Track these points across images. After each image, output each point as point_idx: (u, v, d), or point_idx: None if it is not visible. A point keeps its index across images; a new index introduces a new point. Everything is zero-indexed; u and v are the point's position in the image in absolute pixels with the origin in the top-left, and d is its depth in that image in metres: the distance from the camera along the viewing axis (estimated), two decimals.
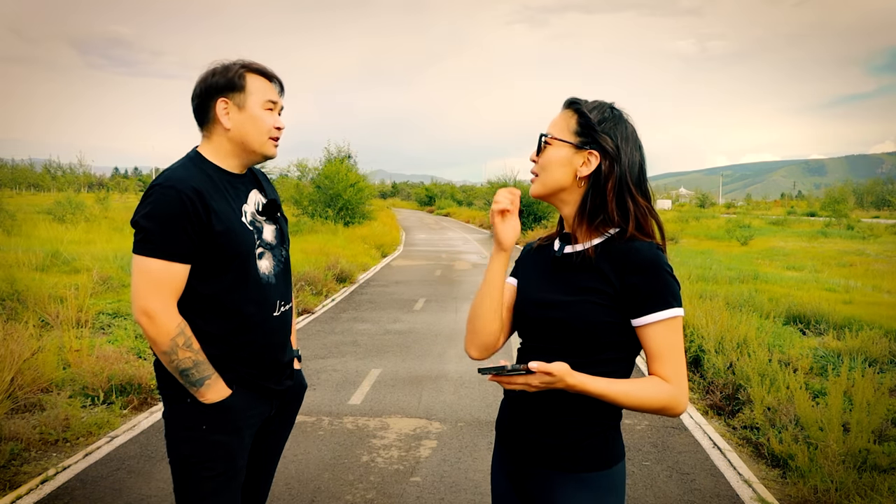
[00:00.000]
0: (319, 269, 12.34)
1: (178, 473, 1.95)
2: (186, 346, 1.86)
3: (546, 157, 1.56)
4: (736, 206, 79.93)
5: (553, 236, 1.68)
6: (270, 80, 2.00)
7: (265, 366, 2.02)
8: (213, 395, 1.91)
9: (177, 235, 1.83)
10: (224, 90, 1.94)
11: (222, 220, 1.88)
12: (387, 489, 3.86)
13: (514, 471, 1.62)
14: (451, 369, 6.59)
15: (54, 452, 4.30)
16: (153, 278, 1.84)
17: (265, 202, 2.05)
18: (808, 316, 8.59)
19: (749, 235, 23.99)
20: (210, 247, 1.87)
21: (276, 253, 2.06)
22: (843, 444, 4.00)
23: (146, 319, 1.84)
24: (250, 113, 1.94)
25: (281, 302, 2.05)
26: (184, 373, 1.87)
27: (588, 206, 1.54)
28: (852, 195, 47.23)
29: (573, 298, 1.49)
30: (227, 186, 1.96)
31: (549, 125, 1.61)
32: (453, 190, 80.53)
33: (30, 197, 47.00)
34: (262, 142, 1.97)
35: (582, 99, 1.58)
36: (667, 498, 3.85)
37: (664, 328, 1.46)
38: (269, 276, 2.00)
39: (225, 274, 1.91)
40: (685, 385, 1.48)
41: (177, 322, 1.85)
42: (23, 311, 7.19)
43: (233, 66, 1.96)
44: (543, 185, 1.57)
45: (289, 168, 30.09)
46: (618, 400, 1.45)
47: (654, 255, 1.48)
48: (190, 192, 1.84)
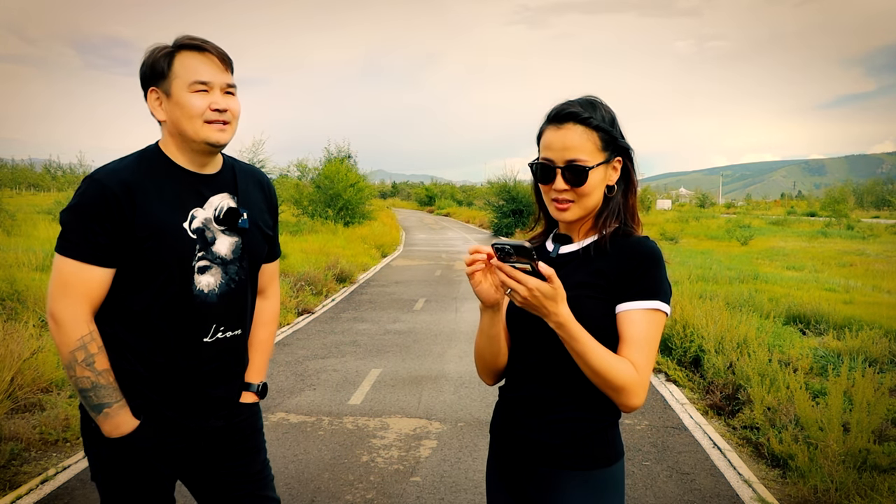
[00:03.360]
0: (319, 269, 12.35)
1: (98, 492, 1.82)
2: (86, 364, 1.64)
3: (591, 184, 1.49)
4: (736, 206, 79.91)
5: (543, 236, 1.66)
6: (203, 55, 1.72)
7: (185, 396, 1.77)
8: (111, 429, 1.68)
9: (94, 235, 1.64)
10: (151, 79, 1.73)
11: (150, 222, 1.67)
12: (387, 489, 3.86)
13: (511, 473, 1.60)
14: (451, 369, 6.59)
15: (54, 452, 4.30)
16: (64, 280, 1.65)
17: (226, 209, 1.78)
18: (808, 316, 8.58)
19: (749, 235, 23.97)
20: (131, 251, 1.67)
21: (230, 270, 1.79)
22: (843, 444, 4.00)
23: (53, 324, 1.66)
24: (175, 99, 1.70)
25: (219, 326, 1.78)
26: (82, 392, 1.66)
27: (617, 209, 1.53)
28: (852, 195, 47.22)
29: (571, 294, 1.47)
30: (177, 185, 1.74)
31: (567, 148, 1.47)
32: (453, 190, 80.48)
33: (30, 197, 46.97)
34: (196, 128, 1.70)
35: (580, 110, 1.49)
36: (667, 498, 3.85)
37: (645, 318, 1.44)
38: (208, 294, 1.75)
39: (149, 284, 1.70)
40: (647, 382, 1.44)
41: (81, 334, 1.64)
42: (23, 311, 7.19)
43: (157, 48, 1.73)
44: (584, 209, 1.52)
45: (289, 168, 30.11)
46: (587, 354, 1.39)
47: (652, 249, 1.49)
48: (116, 186, 1.65)
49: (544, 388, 1.53)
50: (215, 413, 1.85)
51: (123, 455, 1.72)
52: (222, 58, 1.75)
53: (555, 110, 1.51)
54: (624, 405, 1.45)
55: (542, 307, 1.36)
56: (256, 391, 1.96)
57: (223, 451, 1.89)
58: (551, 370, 1.51)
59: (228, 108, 1.74)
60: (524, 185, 31.53)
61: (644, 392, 1.44)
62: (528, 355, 1.57)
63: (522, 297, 1.35)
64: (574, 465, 1.51)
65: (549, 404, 1.52)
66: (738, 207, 72.14)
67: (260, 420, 2.01)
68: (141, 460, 1.74)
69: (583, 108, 1.50)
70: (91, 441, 1.77)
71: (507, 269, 1.33)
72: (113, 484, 1.78)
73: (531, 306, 1.37)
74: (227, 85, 1.75)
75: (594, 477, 1.51)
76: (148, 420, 1.73)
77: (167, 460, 1.79)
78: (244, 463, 1.93)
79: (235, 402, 1.91)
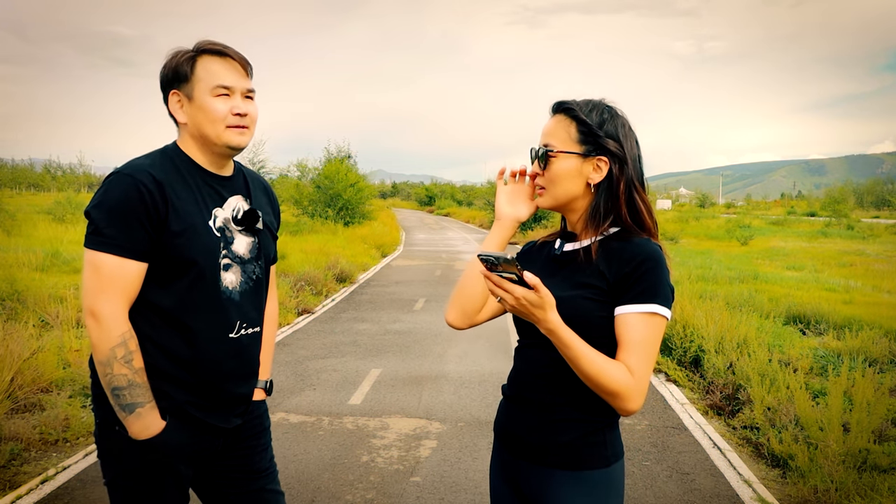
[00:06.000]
0: (319, 269, 12.35)
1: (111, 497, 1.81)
2: (125, 362, 1.65)
3: (553, 170, 1.52)
4: (736, 205, 79.90)
5: (555, 235, 1.67)
6: (224, 60, 1.76)
7: (210, 393, 1.80)
8: (140, 430, 1.68)
9: (131, 229, 1.65)
10: (173, 82, 1.76)
11: (182, 218, 1.70)
12: (387, 489, 3.86)
13: (513, 471, 1.61)
14: (451, 369, 6.59)
15: (54, 452, 4.30)
16: (104, 276, 1.64)
17: (245, 210, 1.84)
18: (808, 316, 8.58)
19: (749, 235, 23.98)
20: (164, 247, 1.69)
21: (248, 269, 1.84)
22: (843, 444, 4.00)
23: (92, 321, 1.65)
24: (198, 103, 1.74)
25: (242, 323, 1.83)
26: (115, 391, 1.65)
27: (601, 209, 1.52)
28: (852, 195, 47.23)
29: (570, 294, 1.48)
30: (199, 184, 1.78)
31: (544, 134, 1.55)
32: (453, 190, 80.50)
33: (30, 197, 46.98)
34: (219, 132, 1.75)
35: (572, 101, 1.54)
36: (667, 498, 3.85)
37: (642, 321, 1.43)
38: (232, 291, 1.79)
39: (178, 280, 1.71)
40: (644, 386, 1.42)
41: (122, 331, 1.65)
42: (23, 311, 7.19)
43: (179, 52, 1.76)
44: (554, 198, 1.54)
45: (289, 168, 30.12)
46: (579, 360, 1.39)
47: (654, 251, 1.47)
48: (148, 181, 1.67)
49: (545, 389, 1.53)
50: (235, 411, 1.88)
51: (149, 457, 1.71)
52: (243, 63, 1.80)
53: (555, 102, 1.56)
54: (620, 409, 1.44)
55: (531, 314, 1.37)
56: (265, 388, 2.01)
57: (237, 450, 1.92)
58: (552, 371, 1.51)
59: (248, 113, 1.78)
60: None
61: (641, 397, 1.42)
62: (532, 355, 1.57)
63: (510, 304, 1.36)
64: (573, 465, 1.51)
65: (550, 405, 1.52)
66: (738, 207, 72.13)
67: (268, 418, 2.05)
68: (166, 462, 1.74)
69: (576, 104, 1.53)
70: (110, 445, 1.76)
71: (495, 279, 1.35)
72: (132, 488, 1.77)
73: (521, 313, 1.38)
74: (247, 90, 1.79)
75: (593, 477, 1.51)
76: (174, 421, 1.74)
77: (190, 461, 1.81)
78: (256, 460, 1.96)
79: (251, 399, 1.94)
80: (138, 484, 1.77)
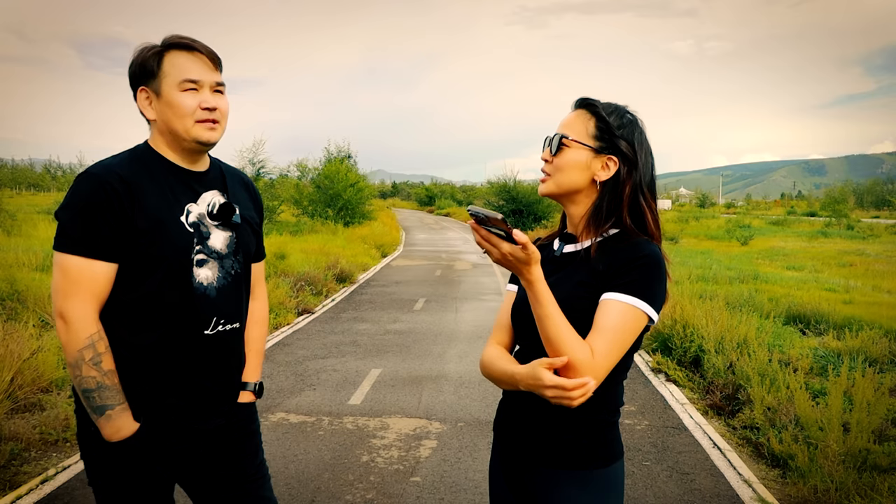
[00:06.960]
0: (319, 269, 12.36)
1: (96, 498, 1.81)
2: (94, 364, 1.63)
3: (563, 158, 1.54)
4: (736, 206, 79.91)
5: (553, 235, 1.68)
6: (191, 53, 1.73)
7: (187, 392, 1.76)
8: (112, 432, 1.66)
9: (97, 229, 1.63)
10: (141, 79, 1.74)
11: (149, 216, 1.67)
12: (387, 489, 3.86)
13: (512, 471, 1.61)
14: (451, 369, 6.59)
15: (54, 452, 4.30)
16: (71, 278, 1.63)
17: (220, 204, 1.79)
18: (808, 316, 8.58)
19: (749, 235, 23.99)
20: (132, 245, 1.67)
21: (226, 264, 1.81)
22: (843, 444, 4.00)
23: (61, 323, 1.64)
24: (166, 98, 1.71)
25: (220, 319, 1.79)
26: (85, 393, 1.64)
27: (604, 209, 1.53)
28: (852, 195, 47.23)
29: (569, 294, 1.49)
30: (171, 181, 1.75)
31: (562, 125, 1.58)
32: (453, 190, 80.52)
33: (30, 197, 46.97)
34: (187, 127, 1.72)
35: (596, 100, 1.57)
36: (667, 498, 3.85)
37: (619, 310, 1.42)
38: (207, 286, 1.76)
39: (149, 277, 1.69)
40: (600, 371, 1.39)
41: (90, 332, 1.63)
42: (23, 311, 7.19)
43: (146, 48, 1.73)
44: (558, 185, 1.56)
45: (289, 168, 30.12)
46: (547, 318, 1.38)
47: (654, 251, 1.48)
48: (114, 180, 1.65)
49: None
50: (215, 411, 1.84)
51: (123, 459, 1.70)
52: (211, 56, 1.76)
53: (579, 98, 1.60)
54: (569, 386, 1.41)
55: (515, 268, 1.38)
56: (253, 390, 1.97)
57: (222, 452, 1.88)
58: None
59: (218, 107, 1.75)
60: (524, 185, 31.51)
61: (593, 377, 1.37)
62: (531, 353, 1.57)
63: (495, 257, 1.38)
64: (573, 464, 1.51)
65: (549, 405, 1.52)
66: (738, 207, 72.15)
67: (257, 421, 2.01)
68: (141, 464, 1.72)
69: (600, 103, 1.56)
70: (89, 446, 1.75)
71: (483, 233, 1.37)
72: (111, 489, 1.77)
73: (504, 265, 1.40)
74: (216, 83, 1.76)
75: (593, 477, 1.51)
76: (148, 423, 1.72)
77: (167, 463, 1.78)
78: (242, 464, 1.92)
79: (234, 399, 1.91)
80: (117, 485, 1.76)
